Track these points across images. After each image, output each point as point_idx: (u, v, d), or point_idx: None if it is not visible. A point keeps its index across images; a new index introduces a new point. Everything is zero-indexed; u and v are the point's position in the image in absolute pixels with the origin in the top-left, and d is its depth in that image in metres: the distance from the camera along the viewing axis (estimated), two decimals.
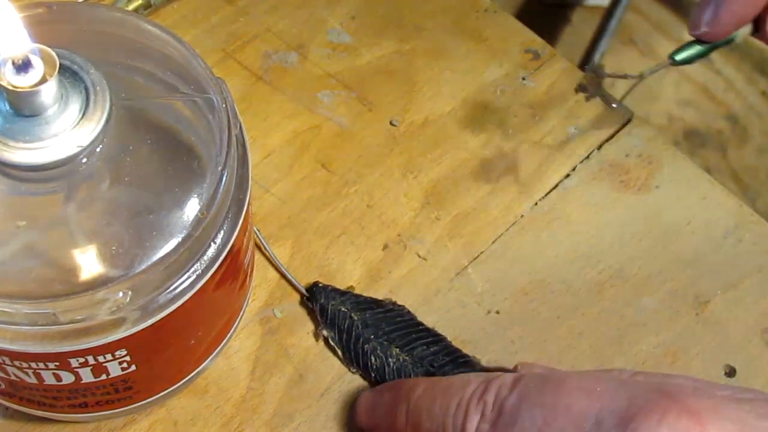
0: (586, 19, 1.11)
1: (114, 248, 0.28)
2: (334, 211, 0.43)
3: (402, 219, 0.43)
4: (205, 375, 0.38)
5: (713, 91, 1.07)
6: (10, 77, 0.27)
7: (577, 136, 0.46)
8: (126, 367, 0.31)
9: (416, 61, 0.48)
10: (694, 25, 0.42)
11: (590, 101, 0.46)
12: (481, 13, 0.50)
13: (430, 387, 0.34)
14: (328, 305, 0.39)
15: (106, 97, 0.29)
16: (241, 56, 0.47)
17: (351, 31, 0.49)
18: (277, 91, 0.46)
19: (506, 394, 0.31)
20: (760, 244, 0.44)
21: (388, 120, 0.46)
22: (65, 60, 0.29)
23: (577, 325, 0.41)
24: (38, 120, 0.28)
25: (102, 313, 0.28)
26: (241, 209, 0.31)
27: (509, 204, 0.44)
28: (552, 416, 0.29)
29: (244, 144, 0.32)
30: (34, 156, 0.27)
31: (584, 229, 0.44)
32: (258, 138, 0.45)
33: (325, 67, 0.47)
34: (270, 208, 0.43)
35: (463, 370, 0.39)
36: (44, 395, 0.32)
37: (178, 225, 0.29)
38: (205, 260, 0.30)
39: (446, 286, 0.42)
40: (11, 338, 0.28)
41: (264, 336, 0.39)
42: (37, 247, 0.28)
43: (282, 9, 0.49)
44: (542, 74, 0.48)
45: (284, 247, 0.42)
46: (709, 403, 0.28)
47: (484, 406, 0.31)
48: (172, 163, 0.30)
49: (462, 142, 0.45)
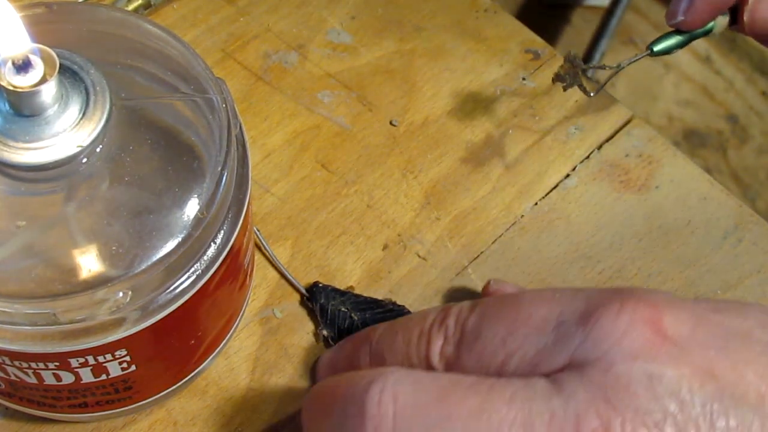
0: (586, 19, 1.11)
1: (114, 248, 0.28)
2: (334, 211, 0.43)
3: (402, 219, 0.43)
4: (205, 375, 0.38)
5: (713, 91, 1.07)
6: (10, 77, 0.27)
7: (577, 136, 0.46)
8: (126, 367, 0.31)
9: (416, 61, 0.48)
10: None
11: (591, 102, 0.46)
12: (481, 13, 0.50)
13: (390, 326, 0.34)
14: (328, 305, 0.39)
15: (106, 97, 0.29)
16: (241, 56, 0.47)
17: (351, 31, 0.49)
18: (277, 91, 0.46)
19: (467, 315, 0.31)
20: (760, 244, 0.44)
21: (388, 120, 0.46)
22: (65, 60, 0.29)
23: None
24: (38, 120, 0.28)
25: (102, 313, 0.28)
26: (241, 209, 0.31)
27: (509, 204, 0.44)
28: (514, 326, 0.29)
29: (244, 144, 0.32)
30: (34, 156, 0.27)
31: (584, 229, 0.44)
32: (258, 138, 0.45)
33: (325, 67, 0.47)
34: (270, 208, 0.43)
35: None
36: (44, 395, 0.32)
37: (178, 225, 0.29)
38: (205, 260, 0.30)
39: (446, 286, 0.42)
40: (11, 338, 0.28)
41: (264, 336, 0.39)
42: (37, 247, 0.28)
43: (282, 9, 0.49)
44: (542, 74, 0.48)
45: (284, 247, 0.42)
46: (664, 296, 0.29)
47: (446, 329, 0.31)
48: (172, 163, 0.30)
49: (462, 142, 0.45)
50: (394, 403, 0.28)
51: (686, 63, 1.08)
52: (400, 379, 0.28)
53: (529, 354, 0.29)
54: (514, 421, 0.26)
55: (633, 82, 1.06)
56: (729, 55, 1.08)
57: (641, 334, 0.27)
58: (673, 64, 1.07)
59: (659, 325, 0.27)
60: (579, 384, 0.27)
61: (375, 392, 0.28)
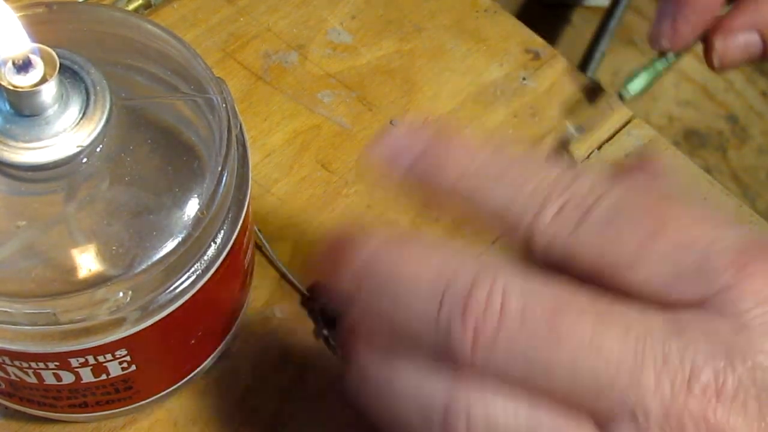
0: (586, 19, 1.10)
1: (114, 248, 0.28)
2: (334, 211, 0.43)
3: (402, 219, 0.43)
4: (205, 375, 0.38)
5: (713, 91, 1.07)
6: (10, 77, 0.27)
7: (577, 136, 0.46)
8: (126, 367, 0.31)
9: (416, 61, 0.48)
10: (654, 39, 0.42)
11: (592, 103, 0.46)
12: (481, 13, 0.50)
13: (500, 152, 0.27)
14: (328, 305, 0.39)
15: (106, 97, 0.29)
16: (241, 56, 0.47)
17: (351, 31, 0.49)
18: (277, 91, 0.46)
19: (601, 193, 0.25)
20: None
21: (388, 120, 0.46)
22: (65, 60, 0.29)
23: None
24: (38, 120, 0.28)
25: (102, 313, 0.28)
26: (241, 209, 0.31)
27: None
28: (657, 233, 0.25)
29: (244, 144, 0.32)
30: (34, 156, 0.27)
31: None
32: (258, 138, 0.45)
33: (325, 67, 0.47)
34: (270, 208, 0.43)
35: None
36: (44, 395, 0.32)
37: (178, 225, 0.29)
38: (205, 260, 0.30)
39: None
40: (11, 338, 0.28)
41: (264, 336, 0.39)
42: (37, 247, 0.28)
43: (282, 9, 0.49)
44: (542, 74, 0.48)
45: (284, 247, 0.42)
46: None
47: (570, 199, 0.25)
48: (172, 163, 0.30)
49: None
50: (501, 308, 0.24)
51: (686, 63, 1.07)
52: (512, 280, 0.25)
53: (663, 272, 0.25)
54: (623, 360, 0.24)
55: None
56: None
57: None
58: (673, 64, 1.07)
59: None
60: (704, 333, 0.24)
61: (484, 286, 0.24)
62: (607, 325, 0.24)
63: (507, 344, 0.24)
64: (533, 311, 0.24)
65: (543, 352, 0.24)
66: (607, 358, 0.24)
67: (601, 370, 0.24)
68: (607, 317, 0.24)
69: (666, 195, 0.26)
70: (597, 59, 1.03)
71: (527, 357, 0.24)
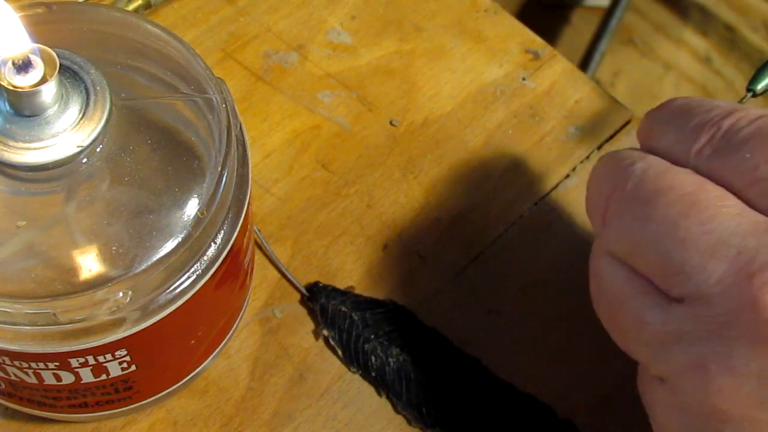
0: (586, 19, 1.11)
1: (114, 248, 0.28)
2: (334, 211, 0.43)
3: (402, 219, 0.43)
4: (205, 375, 0.38)
5: (713, 91, 1.07)
6: (10, 77, 0.27)
7: (577, 136, 0.46)
8: (126, 367, 0.31)
9: (416, 61, 0.48)
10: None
11: (591, 102, 0.46)
12: (481, 13, 0.50)
13: (688, 102, 0.34)
14: (328, 305, 0.39)
15: (106, 97, 0.29)
16: (241, 56, 0.47)
17: (351, 31, 0.49)
18: (277, 91, 0.46)
19: (744, 124, 0.30)
20: None
21: (388, 120, 0.46)
22: (65, 60, 0.29)
23: (577, 325, 0.41)
24: (38, 120, 0.28)
25: (102, 313, 0.28)
26: (241, 209, 0.31)
27: (509, 204, 0.44)
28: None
29: (244, 144, 0.32)
30: (34, 156, 0.27)
31: (584, 230, 0.44)
32: (258, 138, 0.45)
33: (325, 67, 0.47)
34: (270, 208, 0.43)
35: (463, 369, 0.39)
36: (44, 395, 0.32)
37: (178, 225, 0.29)
38: (205, 260, 0.30)
39: (446, 286, 0.42)
40: (11, 338, 0.28)
41: (264, 336, 0.39)
42: (37, 247, 0.28)
43: (282, 9, 0.49)
44: (542, 74, 0.48)
45: (284, 247, 0.42)
46: None
47: (717, 130, 0.31)
48: (172, 163, 0.30)
49: (462, 142, 0.45)
50: (644, 170, 0.31)
51: (686, 63, 1.08)
52: (659, 163, 0.31)
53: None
54: (701, 241, 0.28)
55: (633, 82, 1.06)
56: (729, 55, 1.08)
57: None
58: (673, 64, 1.07)
59: None
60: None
61: (637, 165, 0.31)
62: (710, 213, 0.28)
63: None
64: (664, 178, 0.31)
65: (648, 208, 0.30)
66: (692, 239, 0.28)
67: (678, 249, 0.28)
68: (708, 209, 0.28)
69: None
70: (597, 59, 1.03)
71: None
